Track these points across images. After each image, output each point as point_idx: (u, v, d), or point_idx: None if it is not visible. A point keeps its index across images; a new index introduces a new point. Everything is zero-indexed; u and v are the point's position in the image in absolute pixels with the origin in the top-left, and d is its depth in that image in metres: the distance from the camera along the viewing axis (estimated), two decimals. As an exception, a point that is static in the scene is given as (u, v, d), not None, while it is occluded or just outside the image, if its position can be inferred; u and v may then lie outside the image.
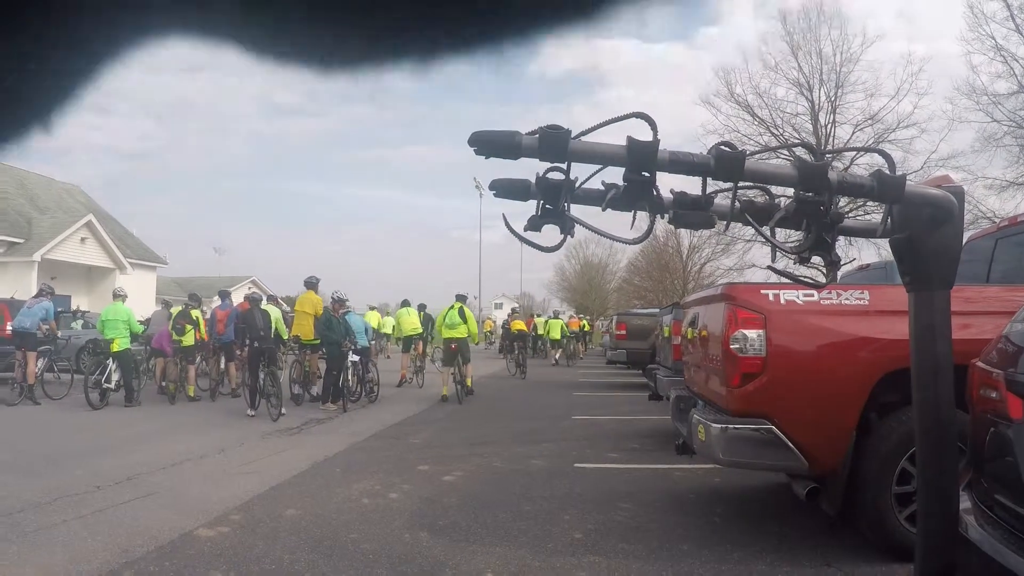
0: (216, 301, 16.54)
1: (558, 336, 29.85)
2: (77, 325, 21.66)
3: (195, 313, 14.78)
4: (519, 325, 24.16)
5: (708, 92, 32.61)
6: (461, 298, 15.81)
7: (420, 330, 18.89)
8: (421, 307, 20.08)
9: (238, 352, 14.81)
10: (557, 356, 30.13)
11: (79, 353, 19.95)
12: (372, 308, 28.83)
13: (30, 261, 28.19)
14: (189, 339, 14.28)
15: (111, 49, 0.39)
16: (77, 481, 6.87)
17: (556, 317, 32.56)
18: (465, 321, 15.36)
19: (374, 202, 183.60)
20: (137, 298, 24.81)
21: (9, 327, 16.58)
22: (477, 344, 20.41)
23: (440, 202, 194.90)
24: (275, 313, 14.02)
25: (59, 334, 15.53)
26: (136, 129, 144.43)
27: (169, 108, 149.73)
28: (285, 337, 14.53)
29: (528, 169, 1.73)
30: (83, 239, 31.47)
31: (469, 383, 15.89)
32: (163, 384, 14.39)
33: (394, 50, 0.42)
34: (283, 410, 12.01)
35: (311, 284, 14.67)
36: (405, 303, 19.64)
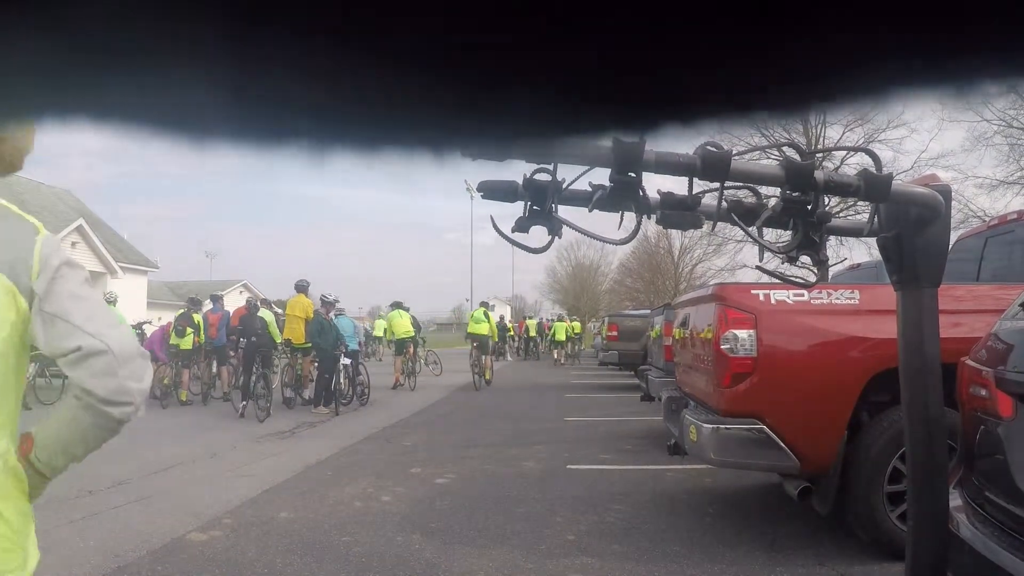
0: (208, 305, 16.53)
1: (562, 337, 32.75)
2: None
3: (197, 317, 14.78)
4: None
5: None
6: (485, 304, 20.33)
7: (412, 333, 19.00)
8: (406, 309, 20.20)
9: (231, 353, 14.82)
10: (561, 356, 32.76)
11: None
12: (380, 317, 29.44)
13: (20, 266, 28.03)
14: (187, 343, 14.26)
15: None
16: (68, 486, 6.83)
17: (560, 320, 36.35)
18: (488, 321, 19.08)
19: (367, 204, 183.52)
20: (129, 303, 24.75)
21: None
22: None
23: (434, 204, 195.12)
24: (268, 317, 14.05)
25: None
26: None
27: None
28: (278, 340, 14.57)
29: (516, 171, 1.73)
30: (73, 243, 31.39)
31: (488, 375, 19.18)
32: (153, 389, 14.36)
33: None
34: (270, 412, 12.11)
35: (302, 287, 14.65)
36: (397, 305, 19.81)
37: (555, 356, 32.88)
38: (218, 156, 0.37)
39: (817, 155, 15.97)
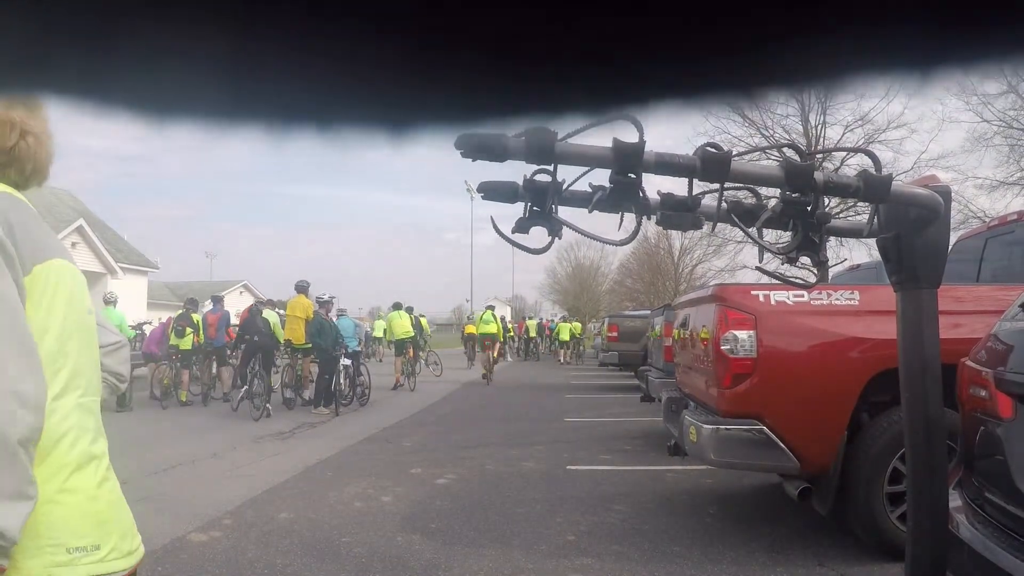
0: (207, 306, 16.55)
1: (566, 337, 34.61)
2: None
3: (196, 317, 14.80)
4: (471, 329, 30.32)
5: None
6: (491, 307, 24.16)
7: (412, 333, 19.05)
8: (409, 310, 20.43)
9: (231, 354, 14.85)
10: (567, 356, 34.79)
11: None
12: (379, 317, 30.66)
13: (20, 266, 28.04)
14: (187, 343, 14.27)
15: None
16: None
17: (565, 321, 38.42)
18: (495, 321, 22.67)
19: (368, 205, 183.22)
20: (129, 303, 24.77)
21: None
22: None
23: (434, 204, 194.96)
24: (273, 318, 14.11)
25: None
26: (130, 133, 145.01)
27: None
28: (281, 340, 14.62)
29: (517, 171, 1.74)
30: (74, 244, 31.36)
31: (495, 355, 22.33)
32: (154, 390, 14.36)
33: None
34: (269, 410, 12.23)
35: (302, 288, 14.65)
36: (397, 306, 19.96)
37: (561, 357, 34.56)
38: (175, 132, 0.38)
39: (817, 156, 15.93)
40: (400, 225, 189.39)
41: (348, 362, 13.59)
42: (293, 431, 10.96)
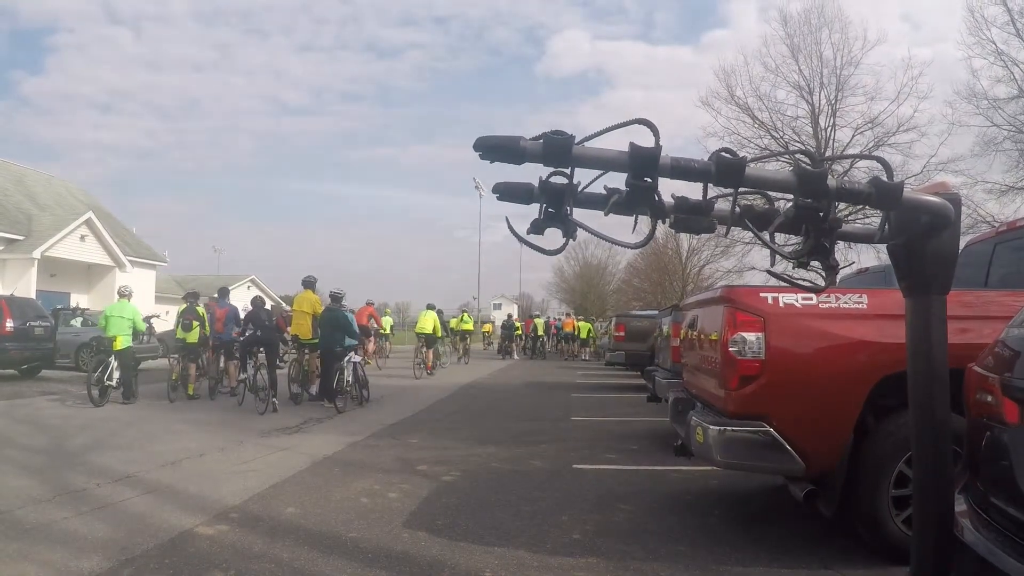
0: (207, 298, 16.63)
1: (586, 336, 37.57)
2: (77, 322, 21.72)
3: (201, 310, 14.85)
4: (487, 328, 34.73)
5: (709, 94, 32.58)
6: (466, 309, 27.86)
7: (426, 331, 21.67)
8: (439, 312, 23.76)
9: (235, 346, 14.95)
10: (586, 353, 37.69)
11: (79, 350, 20.08)
12: (386, 314, 32.85)
13: (29, 258, 28.22)
14: (193, 336, 14.34)
15: None
16: (77, 478, 6.88)
17: (586, 320, 41.23)
18: (470, 321, 27.97)
19: (379, 201, 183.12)
20: (137, 296, 24.86)
21: (9, 324, 16.77)
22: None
23: (445, 202, 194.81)
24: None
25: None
26: (141, 127, 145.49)
27: (176, 107, 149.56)
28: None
29: (530, 172, 1.75)
30: (83, 236, 31.49)
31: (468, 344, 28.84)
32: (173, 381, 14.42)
33: None
34: (275, 404, 12.40)
35: (309, 283, 14.71)
36: (430, 306, 22.87)
37: (582, 354, 37.71)
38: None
39: (828, 162, 15.94)
40: (412, 222, 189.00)
41: (358, 359, 13.64)
42: (299, 426, 11.00)
